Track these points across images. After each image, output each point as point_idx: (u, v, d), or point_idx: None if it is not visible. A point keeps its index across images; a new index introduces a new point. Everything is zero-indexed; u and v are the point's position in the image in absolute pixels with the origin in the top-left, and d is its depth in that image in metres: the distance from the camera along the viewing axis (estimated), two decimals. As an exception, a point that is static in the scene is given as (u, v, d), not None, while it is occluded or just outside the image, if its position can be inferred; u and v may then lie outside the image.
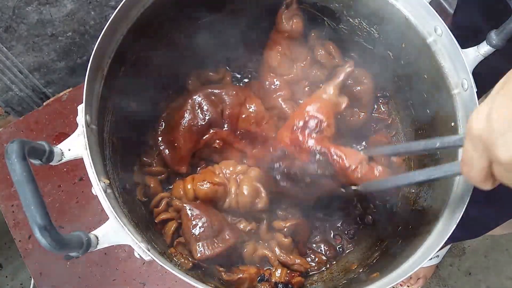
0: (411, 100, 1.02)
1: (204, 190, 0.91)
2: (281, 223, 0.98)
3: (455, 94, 0.84)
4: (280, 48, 1.04)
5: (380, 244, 1.00)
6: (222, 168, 0.97)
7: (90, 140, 0.71)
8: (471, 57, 0.82)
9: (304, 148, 0.89)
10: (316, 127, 0.89)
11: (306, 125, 0.90)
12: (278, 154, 0.92)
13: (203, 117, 0.97)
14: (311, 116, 0.90)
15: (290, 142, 0.90)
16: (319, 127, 0.89)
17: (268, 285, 0.93)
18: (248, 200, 0.94)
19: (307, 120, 0.90)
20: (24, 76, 1.23)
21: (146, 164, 1.01)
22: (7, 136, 1.17)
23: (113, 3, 1.18)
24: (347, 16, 0.99)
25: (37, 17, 1.10)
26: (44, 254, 1.07)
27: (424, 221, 0.86)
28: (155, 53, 0.98)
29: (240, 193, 0.94)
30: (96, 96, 0.78)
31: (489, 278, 1.82)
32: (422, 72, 0.92)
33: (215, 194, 0.93)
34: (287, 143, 0.91)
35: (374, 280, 0.78)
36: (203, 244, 0.87)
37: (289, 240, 0.98)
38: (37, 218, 0.52)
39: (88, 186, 0.69)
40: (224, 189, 0.94)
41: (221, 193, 0.94)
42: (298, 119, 0.92)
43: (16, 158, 0.54)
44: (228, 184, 0.95)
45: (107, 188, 0.71)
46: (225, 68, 1.15)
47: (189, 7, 0.96)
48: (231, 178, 0.97)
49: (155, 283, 1.06)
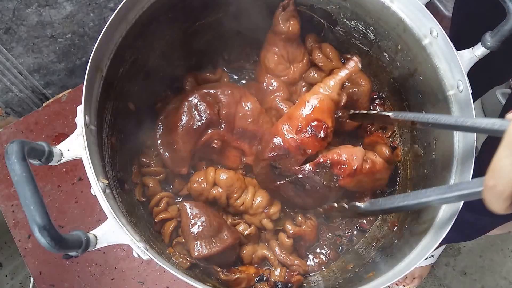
0: (407, 102, 1.02)
1: (224, 179, 0.96)
2: (290, 227, 0.99)
3: (450, 95, 0.85)
4: (277, 50, 1.04)
5: (376, 244, 1.01)
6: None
7: (89, 141, 0.71)
8: (466, 58, 0.83)
9: (305, 152, 0.89)
10: (319, 131, 0.88)
11: (311, 128, 0.88)
12: (278, 152, 0.90)
13: (200, 118, 0.98)
14: (317, 120, 0.88)
15: (289, 141, 0.89)
16: (323, 131, 0.88)
17: (267, 285, 0.94)
18: (262, 204, 0.98)
19: (311, 122, 0.88)
20: (24, 77, 1.23)
21: (145, 164, 1.02)
22: (7, 137, 1.18)
23: (112, 5, 1.19)
24: (343, 18, 1.00)
25: (37, 19, 1.11)
26: (43, 253, 1.08)
27: (420, 222, 0.87)
28: (153, 55, 0.98)
29: (256, 197, 0.98)
30: (95, 97, 0.79)
31: (484, 278, 1.82)
32: (418, 73, 0.93)
33: (232, 184, 0.96)
34: (285, 140, 0.89)
35: (370, 280, 0.79)
36: (201, 243, 0.88)
37: (290, 241, 0.99)
38: (37, 217, 0.53)
39: (87, 186, 0.70)
40: (241, 184, 0.97)
41: (239, 186, 0.97)
42: (297, 113, 0.90)
43: (16, 158, 0.55)
44: (248, 185, 0.99)
45: (106, 188, 0.71)
46: (222, 69, 1.15)
47: (187, 10, 0.97)
48: (251, 181, 1.01)
49: (153, 282, 1.07)
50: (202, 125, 0.98)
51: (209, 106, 0.98)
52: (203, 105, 0.98)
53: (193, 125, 0.97)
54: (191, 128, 0.97)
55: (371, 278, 0.80)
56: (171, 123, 0.99)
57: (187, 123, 0.97)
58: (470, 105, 0.80)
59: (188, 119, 0.98)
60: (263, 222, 0.99)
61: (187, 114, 0.98)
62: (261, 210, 0.98)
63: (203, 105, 0.98)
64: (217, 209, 1.01)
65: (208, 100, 0.99)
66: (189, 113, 0.98)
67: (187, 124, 0.97)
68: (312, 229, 1.01)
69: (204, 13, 1.00)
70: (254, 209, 0.97)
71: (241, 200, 0.98)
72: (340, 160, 0.88)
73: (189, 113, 0.98)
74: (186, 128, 0.97)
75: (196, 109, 0.98)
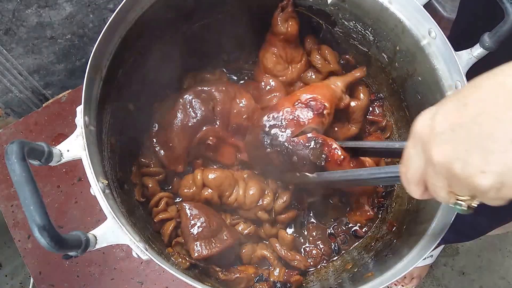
0: (405, 102, 1.02)
1: (212, 178, 0.95)
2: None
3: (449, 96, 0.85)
4: (275, 50, 1.05)
5: (375, 244, 1.01)
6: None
7: (89, 141, 0.72)
8: (464, 59, 0.83)
9: (299, 122, 0.91)
10: (318, 108, 0.91)
11: (309, 103, 0.92)
12: (273, 120, 0.93)
13: (195, 115, 0.98)
14: (315, 99, 0.93)
15: (286, 111, 0.93)
16: (320, 109, 0.91)
17: (266, 284, 0.94)
18: (255, 198, 0.97)
19: (311, 99, 0.93)
20: (24, 78, 1.23)
21: (144, 164, 1.02)
22: (7, 137, 1.18)
23: (111, 6, 1.19)
24: (342, 19, 1.00)
25: (37, 19, 1.11)
26: (43, 253, 1.08)
27: (418, 222, 0.87)
28: (152, 55, 0.98)
29: (248, 190, 0.97)
30: (95, 97, 0.79)
31: (482, 278, 1.82)
32: (417, 74, 0.93)
33: (222, 183, 0.96)
34: (283, 110, 0.93)
35: (369, 280, 0.79)
36: (200, 244, 0.88)
37: (291, 237, 0.99)
38: (37, 218, 0.53)
39: (87, 186, 0.70)
40: (231, 181, 0.97)
41: (228, 183, 0.96)
42: (303, 94, 0.94)
43: (15, 158, 0.55)
44: (238, 180, 0.99)
45: (105, 189, 0.72)
46: (221, 69, 1.16)
47: (186, 11, 0.97)
48: (239, 175, 1.00)
49: (152, 282, 1.07)
50: (197, 122, 0.98)
51: (203, 103, 0.99)
52: (198, 102, 0.98)
53: (188, 122, 0.97)
54: (186, 125, 0.98)
55: (370, 278, 0.81)
56: (166, 121, 0.99)
57: (182, 121, 0.98)
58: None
59: (183, 117, 0.98)
60: (259, 215, 0.99)
61: (182, 111, 0.98)
62: (255, 205, 0.98)
63: (197, 102, 0.98)
64: (216, 208, 1.01)
65: (203, 97, 0.99)
66: (184, 111, 0.98)
67: (182, 122, 0.98)
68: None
69: (203, 14, 1.00)
70: (248, 204, 0.97)
71: (233, 196, 0.97)
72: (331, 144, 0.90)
73: (184, 110, 0.98)
74: (181, 126, 0.97)
75: (191, 106, 0.98)
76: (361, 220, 1.08)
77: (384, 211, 1.07)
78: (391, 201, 1.07)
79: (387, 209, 1.07)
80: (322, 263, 1.05)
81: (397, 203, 1.05)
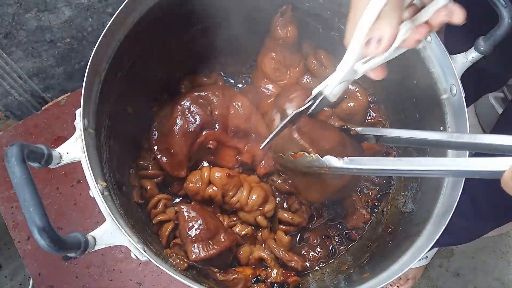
0: (401, 105, 1.03)
1: (218, 177, 0.96)
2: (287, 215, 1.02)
3: (444, 99, 0.86)
4: (274, 55, 1.06)
5: (370, 246, 1.02)
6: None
7: (88, 144, 0.72)
8: (459, 63, 0.84)
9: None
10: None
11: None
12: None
13: (194, 120, 0.99)
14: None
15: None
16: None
17: (264, 285, 0.95)
18: (257, 202, 0.98)
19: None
20: (23, 81, 1.24)
21: (142, 167, 1.03)
22: (7, 140, 1.18)
23: (110, 10, 1.19)
24: (338, 23, 1.01)
25: (36, 23, 1.12)
26: (42, 255, 1.08)
27: (413, 224, 0.88)
28: (151, 59, 0.99)
29: (252, 193, 0.98)
30: (94, 100, 0.79)
31: (477, 279, 1.83)
32: (412, 77, 0.93)
33: (227, 182, 0.97)
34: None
35: (365, 281, 0.80)
36: (198, 246, 0.88)
37: (288, 238, 1.00)
38: (36, 219, 0.53)
39: (86, 188, 0.70)
40: (236, 182, 0.98)
41: (233, 184, 0.97)
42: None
43: (15, 161, 0.55)
44: (243, 183, 1.00)
45: (104, 191, 0.72)
46: (218, 73, 1.16)
47: (184, 15, 0.98)
48: (245, 179, 1.01)
49: (151, 283, 1.08)
50: (197, 127, 0.99)
51: (201, 108, 1.00)
52: (196, 108, 0.99)
53: (188, 128, 0.98)
54: (186, 131, 0.98)
55: (366, 279, 0.81)
56: (166, 128, 1.00)
57: (182, 127, 0.98)
58: (463, 108, 0.81)
59: (182, 123, 0.99)
60: (258, 220, 1.00)
61: (181, 117, 0.99)
62: (256, 208, 0.99)
63: (195, 108, 0.99)
64: (214, 208, 1.02)
65: (200, 102, 1.00)
66: (183, 117, 0.99)
67: (181, 128, 0.98)
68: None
69: (201, 18, 1.01)
70: (249, 206, 0.98)
71: (236, 197, 0.98)
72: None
73: (183, 116, 0.99)
74: (181, 132, 0.98)
75: (189, 112, 0.99)
76: (359, 224, 1.08)
77: (380, 214, 1.08)
78: (386, 203, 1.08)
79: (382, 212, 1.08)
80: (319, 265, 1.05)
81: (393, 205, 1.06)
